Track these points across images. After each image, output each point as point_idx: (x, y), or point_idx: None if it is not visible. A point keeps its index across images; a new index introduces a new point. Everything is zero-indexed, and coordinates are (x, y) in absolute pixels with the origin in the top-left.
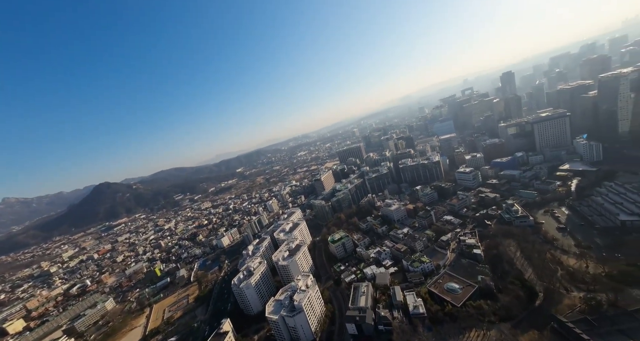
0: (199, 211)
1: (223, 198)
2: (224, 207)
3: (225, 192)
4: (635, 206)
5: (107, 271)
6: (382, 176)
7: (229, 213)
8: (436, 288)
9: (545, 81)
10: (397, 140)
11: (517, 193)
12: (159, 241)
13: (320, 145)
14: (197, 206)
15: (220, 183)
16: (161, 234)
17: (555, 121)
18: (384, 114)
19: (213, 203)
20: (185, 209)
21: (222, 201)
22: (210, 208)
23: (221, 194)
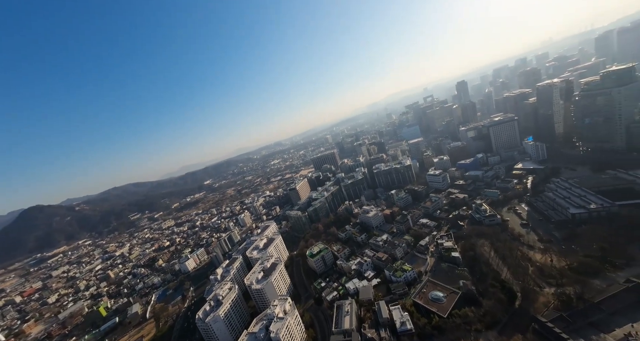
0: (159, 231)
1: (189, 214)
2: (190, 224)
3: (191, 207)
4: (581, 199)
5: (33, 318)
6: (357, 182)
7: (196, 230)
8: (421, 299)
9: (492, 89)
10: (370, 145)
11: (483, 193)
12: (107, 272)
13: (294, 152)
14: (157, 225)
15: (186, 197)
16: (111, 262)
17: (506, 124)
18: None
19: (177, 220)
20: (143, 230)
21: (188, 217)
22: (173, 226)
23: (186, 209)
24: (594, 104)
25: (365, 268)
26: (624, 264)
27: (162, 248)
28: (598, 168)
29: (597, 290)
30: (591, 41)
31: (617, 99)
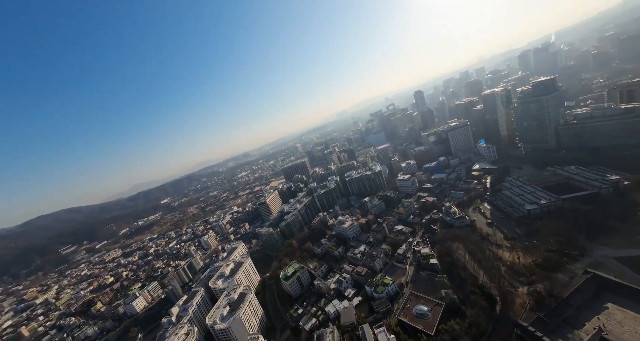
0: (101, 264)
1: (140, 240)
2: (142, 253)
3: (144, 232)
4: (532, 196)
5: None
6: (330, 191)
7: (149, 260)
8: (406, 316)
9: (445, 98)
10: (340, 153)
11: (449, 194)
12: (18, 330)
13: (263, 163)
14: (99, 258)
15: (137, 220)
16: (28, 314)
17: (461, 129)
18: (323, 128)
19: (125, 249)
20: (79, 266)
21: (139, 244)
22: (119, 257)
23: (138, 235)
24: (528, 110)
25: (345, 286)
26: (577, 255)
27: (103, 286)
28: (539, 166)
29: (562, 284)
30: (514, 59)
31: (546, 105)
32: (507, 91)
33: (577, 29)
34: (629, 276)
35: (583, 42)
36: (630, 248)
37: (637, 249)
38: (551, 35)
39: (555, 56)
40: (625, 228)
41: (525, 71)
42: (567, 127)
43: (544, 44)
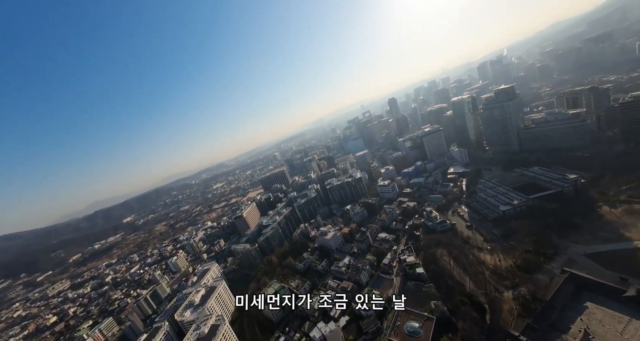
0: (42, 301)
1: (95, 268)
2: (95, 283)
3: (100, 257)
4: (505, 196)
5: None
6: (311, 200)
7: (104, 290)
8: (397, 335)
9: (416, 105)
10: (319, 160)
11: (428, 199)
12: None
13: (240, 173)
14: (39, 293)
15: (93, 244)
16: None
17: (434, 134)
18: (301, 136)
19: (74, 279)
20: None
21: (93, 273)
22: (67, 290)
23: (93, 261)
24: (493, 115)
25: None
26: (553, 254)
27: (42, 329)
28: (507, 168)
29: (544, 285)
30: (474, 69)
31: (508, 111)
32: (473, 98)
33: (522, 45)
34: (599, 273)
35: (528, 56)
36: (597, 243)
37: (602, 245)
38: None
39: (508, 68)
40: (589, 224)
41: (485, 80)
42: (527, 131)
43: (498, 57)
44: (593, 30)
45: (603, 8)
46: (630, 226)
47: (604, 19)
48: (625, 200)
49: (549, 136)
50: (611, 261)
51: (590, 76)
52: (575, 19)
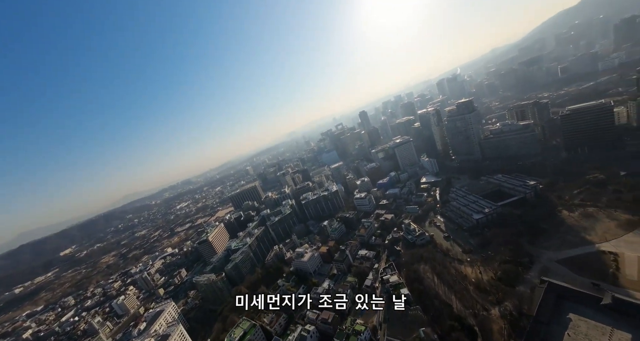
0: None
1: (12, 319)
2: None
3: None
4: (476, 205)
5: None
6: (286, 217)
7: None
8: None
9: (385, 118)
10: (294, 174)
11: (405, 210)
12: None
13: (209, 190)
14: None
15: (13, 288)
16: None
17: (405, 145)
18: (275, 149)
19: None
20: None
21: (8, 327)
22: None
23: (10, 311)
24: (456, 127)
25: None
26: (528, 262)
27: None
28: (473, 176)
29: (527, 298)
30: (433, 85)
31: (469, 122)
32: (437, 111)
33: (471, 65)
34: (573, 279)
35: (477, 75)
36: (564, 249)
37: (570, 249)
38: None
39: (462, 84)
40: (554, 229)
41: (444, 95)
42: (487, 141)
43: (453, 75)
44: (523, 55)
45: (528, 37)
46: (589, 229)
47: (530, 47)
48: (580, 204)
49: (506, 145)
50: (580, 266)
51: (528, 92)
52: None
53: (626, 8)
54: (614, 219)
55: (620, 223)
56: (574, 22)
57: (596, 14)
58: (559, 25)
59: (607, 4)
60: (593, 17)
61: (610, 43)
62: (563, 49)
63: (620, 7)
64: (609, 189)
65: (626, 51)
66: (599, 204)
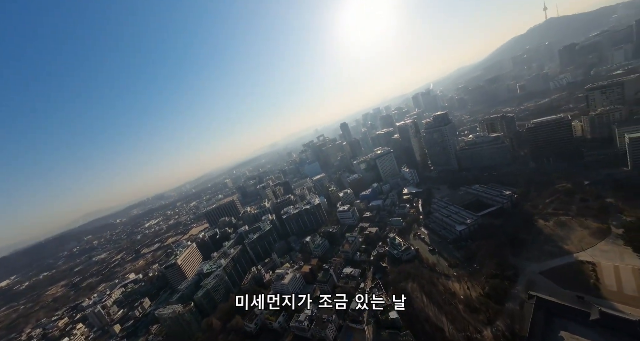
0: None
1: None
2: None
3: None
4: (458, 216)
5: None
6: (265, 234)
7: None
8: None
9: (366, 129)
10: (275, 187)
11: (389, 222)
12: None
13: (183, 205)
14: None
15: None
16: None
17: (386, 156)
18: (256, 161)
19: None
20: None
21: None
22: None
23: None
24: (433, 138)
25: None
26: (514, 275)
27: None
28: (452, 186)
29: (517, 316)
30: (409, 99)
31: (446, 134)
32: (414, 123)
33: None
34: (558, 292)
35: (448, 91)
36: (546, 259)
37: (551, 260)
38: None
39: (435, 98)
40: (534, 239)
41: (419, 109)
42: (462, 152)
43: (427, 90)
44: (487, 74)
45: (490, 58)
46: (566, 239)
47: (492, 67)
48: (553, 213)
49: (480, 156)
50: (563, 278)
51: (494, 107)
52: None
53: (567, 36)
54: (586, 227)
55: (593, 231)
56: (525, 47)
57: (542, 40)
58: (513, 49)
59: (551, 32)
60: (540, 43)
61: (557, 66)
62: (519, 69)
63: (561, 35)
64: (576, 198)
65: (571, 73)
66: (570, 212)
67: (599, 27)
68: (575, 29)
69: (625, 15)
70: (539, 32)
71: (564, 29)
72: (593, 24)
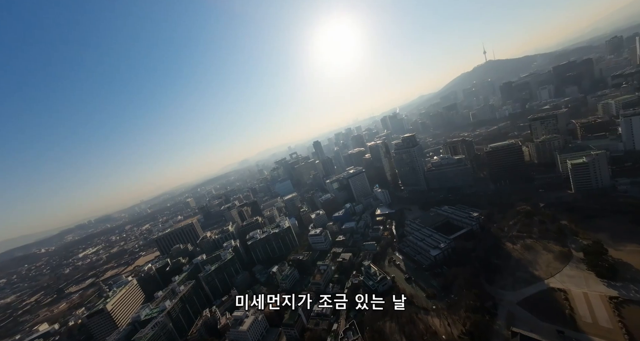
0: None
1: None
2: None
3: None
4: (432, 239)
5: None
6: (226, 264)
7: None
8: None
9: (338, 148)
10: (242, 207)
11: (363, 247)
12: None
13: (133, 229)
14: None
15: None
16: None
17: (358, 175)
18: (224, 177)
19: None
20: None
21: None
22: None
23: None
24: (403, 159)
25: None
26: (492, 307)
27: None
28: (423, 207)
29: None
30: (378, 121)
31: (414, 155)
32: (385, 143)
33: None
34: (538, 326)
35: (412, 115)
36: (520, 287)
37: (524, 287)
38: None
39: (402, 122)
40: (505, 264)
41: (388, 130)
42: (430, 173)
43: (394, 113)
44: (444, 102)
45: (445, 89)
46: (534, 263)
47: (448, 96)
48: (518, 235)
49: (446, 177)
50: (540, 309)
51: (452, 131)
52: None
53: (504, 75)
54: (549, 251)
55: (556, 255)
56: (472, 81)
57: (485, 77)
58: (464, 82)
59: (491, 71)
60: (484, 79)
61: (499, 99)
62: (469, 100)
63: (499, 74)
64: (536, 220)
65: (511, 105)
66: (533, 235)
67: (526, 70)
68: (508, 70)
69: (543, 63)
70: (482, 71)
71: (501, 69)
72: (521, 67)
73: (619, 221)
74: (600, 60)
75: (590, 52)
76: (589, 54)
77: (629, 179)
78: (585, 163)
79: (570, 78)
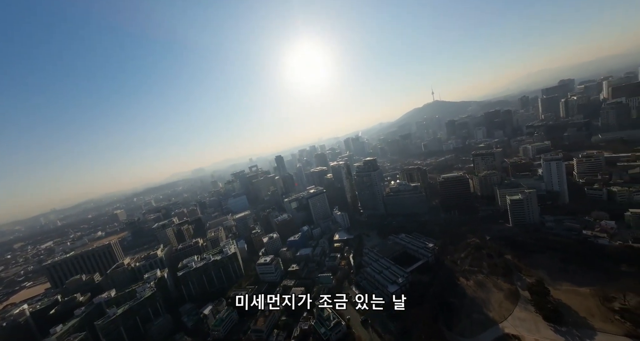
0: None
1: None
2: None
3: None
4: (390, 272)
5: None
6: (139, 306)
7: None
8: None
9: (301, 165)
10: (182, 225)
11: (317, 280)
12: None
13: (26, 248)
14: None
15: None
16: None
17: (319, 196)
18: (171, 187)
19: None
20: None
21: None
22: None
23: None
24: (363, 182)
25: None
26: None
27: None
28: (381, 233)
29: None
30: (341, 142)
31: (374, 179)
32: (347, 165)
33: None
34: None
35: (372, 140)
36: (477, 332)
37: (481, 333)
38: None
39: (363, 145)
40: (461, 304)
41: (350, 152)
42: (389, 198)
43: (356, 136)
44: (400, 131)
45: (401, 120)
46: (487, 303)
47: (403, 126)
48: (470, 270)
49: (403, 203)
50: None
51: (407, 158)
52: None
53: (448, 114)
54: (500, 288)
55: (506, 294)
56: (423, 116)
57: (434, 114)
58: (416, 116)
59: (438, 109)
60: (432, 115)
61: (445, 133)
62: (421, 132)
63: (445, 112)
64: (484, 253)
65: (454, 140)
66: (483, 270)
67: (464, 112)
68: (451, 110)
69: (476, 109)
70: (430, 108)
71: (445, 108)
72: (460, 109)
73: (552, 258)
74: (515, 112)
75: (507, 105)
76: (506, 106)
77: (553, 217)
78: (520, 200)
79: (496, 123)
